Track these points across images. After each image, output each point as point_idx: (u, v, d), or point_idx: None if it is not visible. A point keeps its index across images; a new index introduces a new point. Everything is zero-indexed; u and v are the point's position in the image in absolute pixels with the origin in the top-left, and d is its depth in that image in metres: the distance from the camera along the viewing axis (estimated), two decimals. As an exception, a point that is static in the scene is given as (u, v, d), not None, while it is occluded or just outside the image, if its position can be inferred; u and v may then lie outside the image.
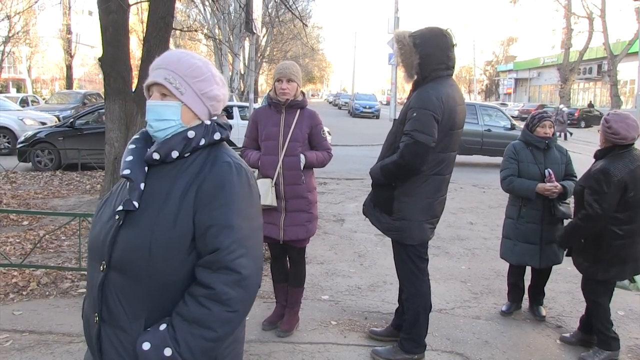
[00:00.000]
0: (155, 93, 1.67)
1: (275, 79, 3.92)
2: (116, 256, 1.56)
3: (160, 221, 1.55)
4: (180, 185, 1.59)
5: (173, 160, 1.64)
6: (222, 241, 1.54)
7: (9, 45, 33.58)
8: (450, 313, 4.57)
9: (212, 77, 1.71)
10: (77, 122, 12.53)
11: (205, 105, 1.70)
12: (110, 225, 1.59)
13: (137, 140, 1.73)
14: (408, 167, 3.40)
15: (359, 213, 8.13)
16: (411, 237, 3.57)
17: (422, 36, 3.44)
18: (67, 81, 35.76)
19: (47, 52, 45.07)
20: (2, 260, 5.18)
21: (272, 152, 3.86)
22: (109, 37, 7.20)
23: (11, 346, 3.76)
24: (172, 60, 1.67)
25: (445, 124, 3.40)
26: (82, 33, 41.56)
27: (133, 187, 1.60)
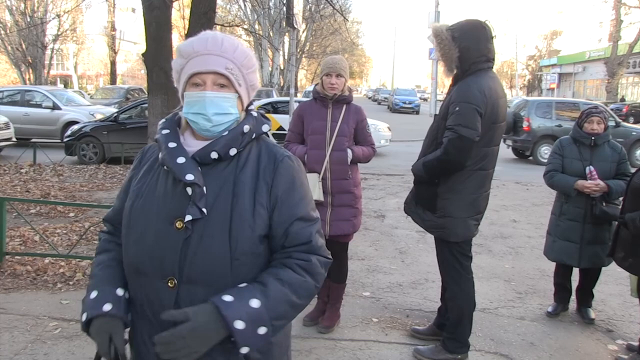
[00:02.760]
0: (209, 83, 1.50)
1: (323, 73, 3.89)
2: (190, 270, 1.44)
3: (236, 225, 1.45)
4: (244, 183, 1.50)
5: (229, 157, 1.52)
6: (310, 233, 1.53)
7: (57, 42, 34.47)
8: (494, 313, 4.47)
9: (257, 68, 1.62)
10: (121, 116, 12.80)
11: (250, 97, 1.61)
12: (171, 237, 1.45)
13: (171, 135, 1.55)
14: (452, 163, 3.32)
15: (399, 209, 8.05)
16: (455, 235, 3.49)
17: (461, 29, 3.36)
18: (111, 77, 36.51)
19: (93, 49, 46.12)
20: (51, 250, 5.32)
21: (319, 147, 3.84)
22: (152, 33, 7.31)
23: (60, 334, 3.86)
24: (228, 48, 1.51)
25: (488, 117, 3.31)
26: (126, 30, 42.40)
27: (199, 193, 1.45)
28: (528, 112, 14.74)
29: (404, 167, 12.21)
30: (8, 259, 5.19)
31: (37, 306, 4.31)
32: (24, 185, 9.22)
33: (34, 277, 4.91)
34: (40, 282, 4.82)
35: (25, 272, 4.99)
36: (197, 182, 1.44)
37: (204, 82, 1.50)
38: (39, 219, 6.96)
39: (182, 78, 1.54)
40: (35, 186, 9.14)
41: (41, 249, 5.68)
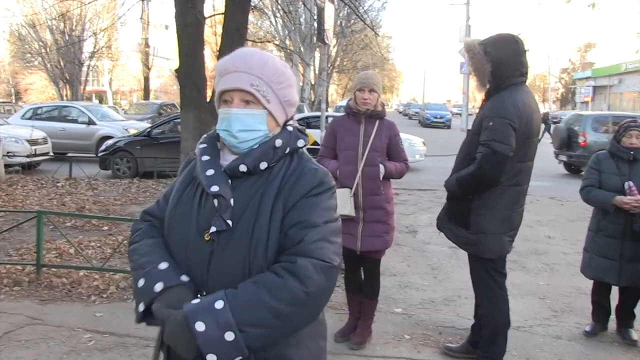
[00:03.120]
0: (236, 100, 1.52)
1: (356, 88, 3.89)
2: (215, 282, 1.45)
3: (255, 238, 1.45)
4: (269, 196, 1.49)
5: (260, 171, 1.52)
6: (303, 236, 1.45)
7: (93, 59, 35.36)
8: (529, 331, 4.37)
9: (294, 82, 1.60)
10: (154, 131, 13.00)
11: (286, 112, 1.59)
12: (200, 248, 1.47)
13: (207, 149, 1.59)
14: (486, 179, 3.27)
15: (431, 224, 7.96)
16: (489, 251, 3.43)
17: (493, 43, 3.33)
18: (145, 92, 37.20)
19: (127, 65, 47.14)
20: (85, 263, 5.41)
21: (352, 162, 3.83)
22: (185, 49, 7.41)
23: (94, 346, 3.91)
24: (256, 65, 1.52)
25: (522, 132, 3.26)
26: (159, 46, 43.30)
27: (224, 204, 1.46)
28: (583, 127, 14.43)
29: (436, 182, 12.11)
30: (45, 270, 5.30)
31: (72, 318, 4.38)
32: (60, 198, 9.42)
33: (69, 290, 5.00)
34: (75, 295, 4.90)
35: (60, 284, 5.08)
36: (222, 194, 1.45)
37: (232, 99, 1.52)
38: (74, 232, 7.09)
39: (216, 96, 1.59)
40: (71, 200, 9.33)
41: (76, 261, 5.77)
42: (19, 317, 4.39)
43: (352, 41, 31.68)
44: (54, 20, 29.91)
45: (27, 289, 5.01)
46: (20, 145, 13.07)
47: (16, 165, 12.74)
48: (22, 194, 9.74)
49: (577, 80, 65.01)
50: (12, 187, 10.36)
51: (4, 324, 4.25)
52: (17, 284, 5.08)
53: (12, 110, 27.38)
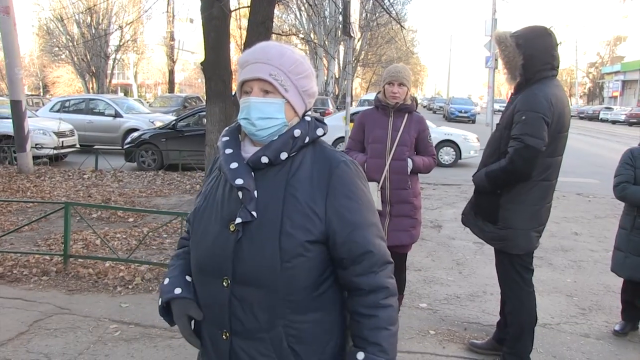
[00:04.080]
0: (255, 89, 1.56)
1: (386, 81, 3.86)
2: (242, 270, 1.50)
3: (287, 228, 1.48)
4: (296, 188, 1.52)
5: (281, 161, 1.55)
6: (369, 242, 1.53)
7: (119, 53, 35.77)
8: (556, 329, 4.30)
9: (312, 73, 1.63)
10: (179, 124, 13.09)
11: (304, 102, 1.61)
12: (226, 238, 1.52)
13: (229, 142, 1.62)
14: (518, 173, 3.22)
15: (456, 219, 7.90)
16: (517, 247, 3.38)
17: (525, 36, 3.27)
18: (170, 85, 37.54)
19: (152, 59, 47.64)
20: (111, 254, 5.47)
21: (379, 156, 3.81)
22: (211, 42, 7.43)
23: (119, 336, 3.95)
24: (274, 55, 1.56)
25: (554, 126, 3.20)
26: (184, 40, 43.51)
27: (248, 196, 1.50)
28: None
29: (460, 176, 12.01)
30: (72, 261, 5.38)
31: (98, 308, 4.44)
32: (86, 190, 9.56)
33: (95, 280, 5.06)
34: (101, 285, 4.96)
35: (87, 274, 5.15)
36: (246, 186, 1.50)
37: (252, 89, 1.56)
38: (100, 224, 7.19)
39: (237, 86, 1.62)
40: (97, 191, 9.46)
41: (102, 252, 5.85)
42: (48, 306, 4.46)
43: (377, 34, 31.52)
44: (81, 14, 30.35)
45: (55, 279, 5.09)
46: (47, 137, 13.29)
47: (44, 157, 12.96)
48: (50, 186, 9.90)
49: (605, 75, 63.88)
50: (40, 179, 10.55)
51: (34, 312, 4.33)
52: (45, 274, 5.17)
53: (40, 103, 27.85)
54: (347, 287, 1.57)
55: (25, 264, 5.41)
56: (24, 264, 5.41)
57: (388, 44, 33.45)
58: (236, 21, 13.57)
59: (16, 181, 10.15)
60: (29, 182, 10.14)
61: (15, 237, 6.34)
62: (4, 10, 10.79)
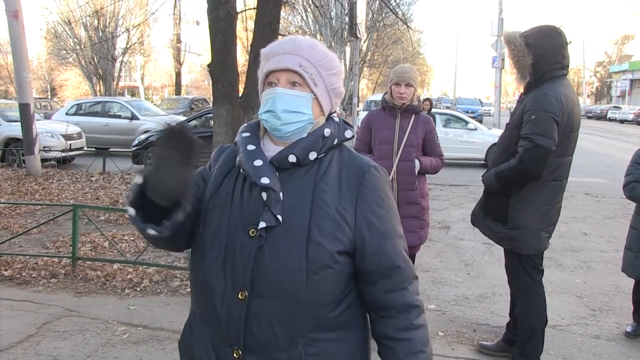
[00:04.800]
0: (282, 80, 1.43)
1: (392, 82, 3.85)
2: (262, 281, 1.35)
3: (315, 236, 1.35)
4: (326, 192, 1.39)
5: (309, 162, 1.42)
6: (398, 254, 1.43)
7: (126, 55, 35.89)
8: (566, 330, 4.27)
9: (341, 71, 1.53)
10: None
11: (331, 101, 1.50)
12: (245, 245, 1.36)
13: (250, 138, 1.47)
14: (528, 173, 3.21)
15: (464, 220, 7.87)
16: (527, 247, 3.36)
17: (535, 35, 3.25)
18: (176, 87, 37.63)
19: (159, 61, 47.68)
20: (119, 256, 5.48)
21: (386, 157, 3.80)
22: (217, 44, 7.43)
23: (128, 339, 3.96)
24: (305, 48, 1.44)
25: (564, 126, 3.19)
26: (191, 42, 43.64)
27: (274, 198, 1.35)
28: None
29: (468, 177, 11.97)
30: (80, 263, 5.39)
31: (106, 310, 4.44)
32: (94, 192, 9.58)
33: (103, 282, 5.07)
34: (109, 287, 4.97)
35: (95, 277, 5.16)
36: (272, 186, 1.35)
37: (278, 80, 1.43)
38: (108, 226, 7.20)
39: (260, 79, 1.50)
40: (105, 194, 9.47)
41: (110, 254, 5.86)
42: (56, 308, 4.47)
43: (383, 35, 31.46)
44: (88, 17, 30.47)
45: (64, 281, 5.10)
46: (55, 140, 13.34)
47: (52, 159, 13.00)
48: (58, 188, 9.93)
49: (613, 74, 63.52)
50: (48, 181, 10.58)
51: (43, 314, 4.34)
52: (54, 276, 5.18)
53: (48, 106, 27.96)
54: (374, 306, 1.45)
55: (34, 266, 5.43)
56: (33, 266, 5.43)
57: (394, 44, 33.35)
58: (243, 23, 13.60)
59: (24, 184, 10.18)
60: (37, 184, 10.18)
61: (24, 240, 6.36)
62: (13, 14, 10.83)
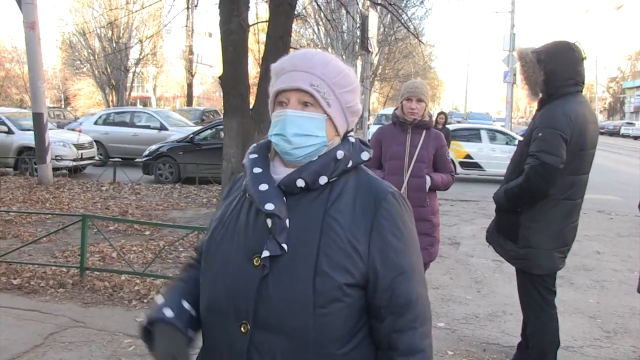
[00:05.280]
0: (293, 101, 1.33)
1: (404, 97, 3.83)
2: (265, 314, 1.26)
3: (323, 267, 1.25)
4: (336, 220, 1.29)
5: (319, 187, 1.33)
6: (412, 291, 1.31)
7: (139, 66, 36.20)
8: (579, 352, 4.18)
9: (357, 87, 1.41)
10: (196, 137, 13.15)
11: (347, 120, 1.40)
12: (248, 274, 1.28)
13: (258, 160, 1.38)
14: (534, 191, 3.16)
15: (475, 237, 7.80)
16: (538, 267, 3.30)
17: (547, 51, 3.22)
18: (188, 99, 37.82)
19: (171, 72, 48.11)
20: (127, 267, 5.46)
21: (397, 172, 3.76)
22: (229, 57, 7.46)
23: (133, 351, 3.92)
24: (317, 64, 1.34)
25: (574, 144, 3.13)
26: (203, 53, 43.99)
27: (280, 225, 1.27)
28: None
29: (478, 192, 11.88)
30: (88, 274, 5.38)
31: (113, 322, 4.41)
32: (104, 202, 9.61)
33: (110, 293, 5.05)
34: (116, 299, 4.94)
35: (103, 287, 5.14)
36: (277, 212, 1.27)
37: (288, 100, 1.34)
38: (117, 236, 7.20)
39: (270, 98, 1.41)
40: (114, 204, 9.50)
41: (118, 265, 5.84)
42: (63, 318, 4.45)
43: (395, 49, 31.54)
44: (102, 29, 30.78)
45: (71, 291, 5.08)
46: (67, 149, 13.43)
47: (63, 168, 13.08)
48: (68, 197, 9.98)
49: (626, 89, 63.18)
50: (59, 190, 10.63)
51: (49, 325, 4.32)
52: (61, 286, 5.17)
53: (61, 115, 28.20)
54: (380, 343, 1.33)
55: (43, 275, 5.42)
56: (41, 275, 5.42)
57: (405, 58, 33.43)
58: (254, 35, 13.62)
59: (36, 192, 10.24)
60: (48, 193, 10.23)
61: (33, 248, 6.36)
62: (29, 25, 10.97)
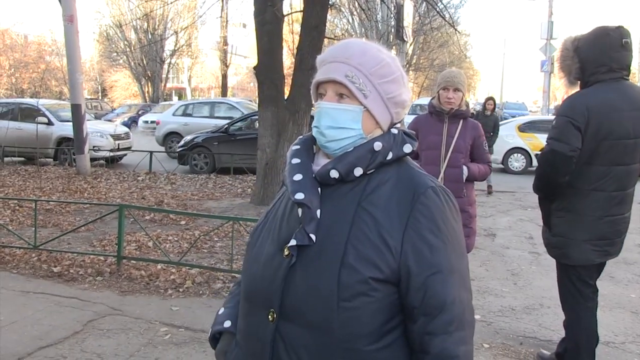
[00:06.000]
0: (329, 93, 1.31)
1: (440, 87, 3.77)
2: (291, 304, 1.24)
3: (350, 259, 1.21)
4: (369, 212, 1.25)
5: (354, 178, 1.30)
6: (448, 292, 1.23)
7: (174, 57, 36.69)
8: (621, 348, 4.07)
9: (401, 77, 1.35)
10: (231, 128, 13.24)
11: (390, 112, 1.34)
12: (278, 263, 1.28)
13: (299, 152, 1.38)
14: (545, 177, 3.17)
15: (511, 228, 7.68)
16: (568, 257, 3.24)
17: (585, 39, 3.13)
18: (222, 89, 38.15)
19: (205, 63, 48.58)
20: (163, 257, 5.53)
21: (434, 163, 3.71)
22: (263, 47, 7.48)
23: (169, 340, 3.97)
24: (354, 53, 1.31)
25: (594, 133, 3.00)
26: (237, 44, 44.24)
27: (308, 215, 1.25)
28: None
29: (514, 183, 11.69)
30: (125, 262, 5.47)
31: (149, 310, 4.48)
32: (140, 192, 9.76)
33: (147, 282, 5.12)
34: (152, 287, 5.02)
35: (139, 276, 5.22)
36: (306, 202, 1.25)
37: (326, 92, 1.33)
38: (153, 226, 7.30)
39: (312, 89, 1.39)
40: (150, 193, 9.65)
41: (154, 254, 5.93)
42: (101, 306, 4.54)
43: (430, 39, 31.18)
44: (138, 20, 31.28)
45: (109, 280, 5.18)
46: (104, 140, 13.70)
47: (101, 159, 13.34)
48: (106, 187, 10.18)
49: (671, 78, 61.11)
50: (97, 180, 10.86)
51: (88, 312, 4.41)
52: (99, 274, 5.27)
53: (98, 106, 28.76)
54: (413, 344, 1.27)
55: (81, 263, 5.54)
56: (80, 263, 5.54)
57: (441, 48, 33.01)
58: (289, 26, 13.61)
59: (74, 182, 10.48)
60: (86, 183, 10.46)
61: (72, 237, 6.51)
62: (68, 18, 11.19)
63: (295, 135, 7.26)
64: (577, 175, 3.09)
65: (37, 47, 39.21)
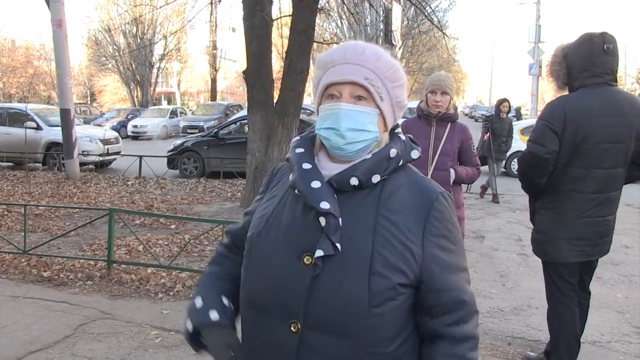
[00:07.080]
0: (345, 94, 1.30)
1: (428, 90, 3.82)
2: (317, 314, 1.24)
3: (378, 266, 1.23)
4: (389, 219, 1.28)
5: (371, 185, 1.31)
6: (462, 289, 1.31)
7: (163, 62, 36.59)
8: (607, 347, 4.13)
9: (405, 82, 1.39)
10: (221, 132, 13.24)
11: (395, 116, 1.38)
12: (299, 273, 1.25)
13: (305, 156, 1.36)
14: (523, 177, 3.32)
15: (499, 230, 7.75)
16: (546, 254, 3.35)
17: (572, 45, 3.24)
18: (212, 93, 38.12)
19: (195, 67, 48.50)
20: (153, 261, 5.54)
21: (421, 166, 3.75)
22: (253, 51, 7.51)
23: (160, 343, 3.98)
24: (370, 57, 1.31)
25: (572, 136, 3.06)
26: (226, 48, 44.22)
27: (333, 224, 1.24)
28: None
29: (504, 186, 11.77)
30: (115, 267, 5.47)
31: (140, 314, 4.49)
32: (129, 196, 9.74)
33: (137, 286, 5.13)
34: (143, 291, 5.02)
35: (130, 280, 5.22)
36: (332, 211, 1.24)
37: (340, 94, 1.31)
38: (143, 230, 7.30)
39: (318, 90, 1.37)
40: (140, 198, 9.63)
41: (144, 258, 5.93)
42: (92, 310, 4.54)
43: (418, 42, 31.36)
44: (127, 25, 31.21)
45: (99, 284, 5.18)
46: (94, 144, 13.67)
47: (90, 163, 13.29)
48: (95, 192, 10.15)
49: (656, 82, 61.76)
50: (86, 185, 10.82)
51: (78, 316, 4.41)
52: (89, 278, 5.27)
53: (87, 111, 28.61)
54: (429, 335, 1.33)
55: (71, 268, 5.53)
56: (70, 268, 5.53)
57: (429, 51, 33.21)
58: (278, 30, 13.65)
59: (64, 187, 10.44)
60: (75, 187, 10.42)
61: (62, 242, 6.49)
62: (57, 23, 11.17)
63: (284, 139, 7.30)
64: (558, 176, 3.18)
65: (25, 51, 39.01)
